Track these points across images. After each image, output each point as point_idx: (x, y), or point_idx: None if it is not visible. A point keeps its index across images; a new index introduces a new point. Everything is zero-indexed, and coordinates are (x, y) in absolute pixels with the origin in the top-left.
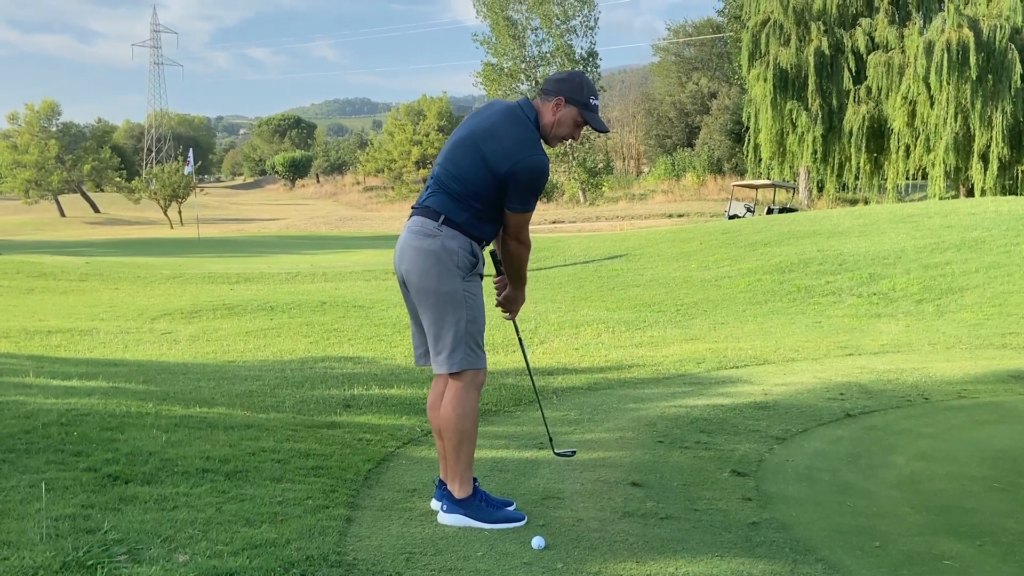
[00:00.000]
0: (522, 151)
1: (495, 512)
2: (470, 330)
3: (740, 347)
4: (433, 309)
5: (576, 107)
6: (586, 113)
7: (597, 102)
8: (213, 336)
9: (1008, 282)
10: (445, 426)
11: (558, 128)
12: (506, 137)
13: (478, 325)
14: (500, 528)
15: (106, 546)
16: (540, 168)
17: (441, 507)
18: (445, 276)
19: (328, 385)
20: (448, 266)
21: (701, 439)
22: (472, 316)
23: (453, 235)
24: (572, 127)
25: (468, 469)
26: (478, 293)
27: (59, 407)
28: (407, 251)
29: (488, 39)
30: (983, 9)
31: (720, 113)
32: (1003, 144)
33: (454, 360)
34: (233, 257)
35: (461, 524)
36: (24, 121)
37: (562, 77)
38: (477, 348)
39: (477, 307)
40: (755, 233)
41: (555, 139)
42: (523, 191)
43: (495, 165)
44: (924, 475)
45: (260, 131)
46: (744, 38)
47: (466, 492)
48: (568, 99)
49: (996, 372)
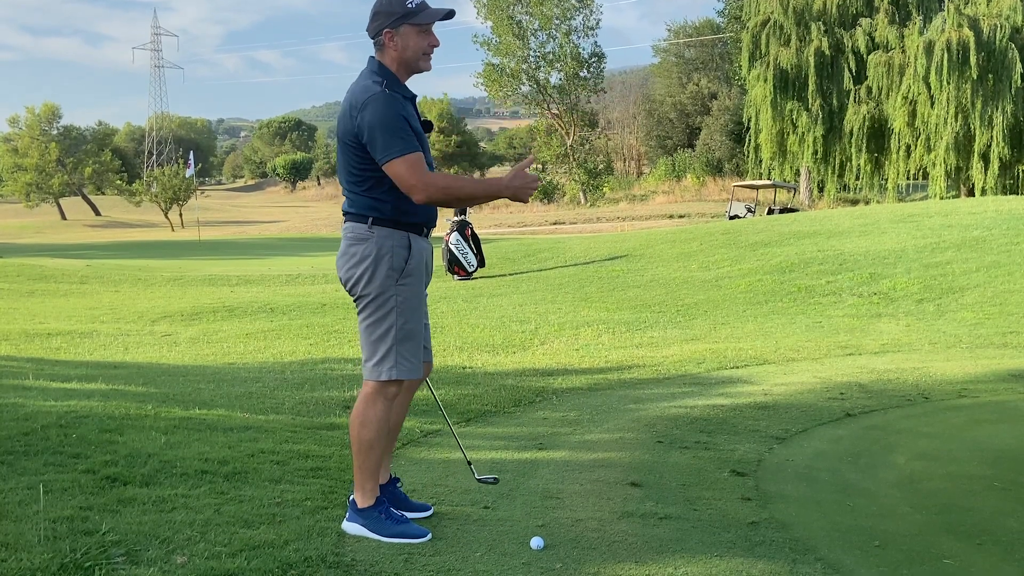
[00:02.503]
0: (358, 100)
1: (393, 526)
2: (399, 338)
3: (740, 347)
4: (365, 314)
5: (404, 25)
6: (413, 19)
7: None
8: (213, 338)
9: (1009, 281)
10: (350, 434)
11: (406, 53)
12: (345, 105)
13: (412, 331)
14: (396, 543)
15: (104, 548)
16: (378, 102)
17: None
18: (379, 281)
19: (328, 387)
20: (380, 269)
21: (701, 439)
22: (404, 322)
23: (387, 234)
24: (418, 40)
25: (369, 479)
26: (412, 298)
27: (58, 409)
28: (341, 258)
29: (488, 40)
30: (983, 9)
31: (720, 114)
32: (1004, 144)
33: (381, 369)
34: (234, 259)
35: (358, 534)
36: (25, 124)
37: (370, 14)
38: (409, 357)
39: (413, 313)
40: (756, 233)
41: (418, 65)
42: (378, 136)
43: (348, 136)
44: (924, 474)
45: (261, 133)
46: (744, 39)
47: (367, 502)
48: (391, 25)
49: (996, 371)
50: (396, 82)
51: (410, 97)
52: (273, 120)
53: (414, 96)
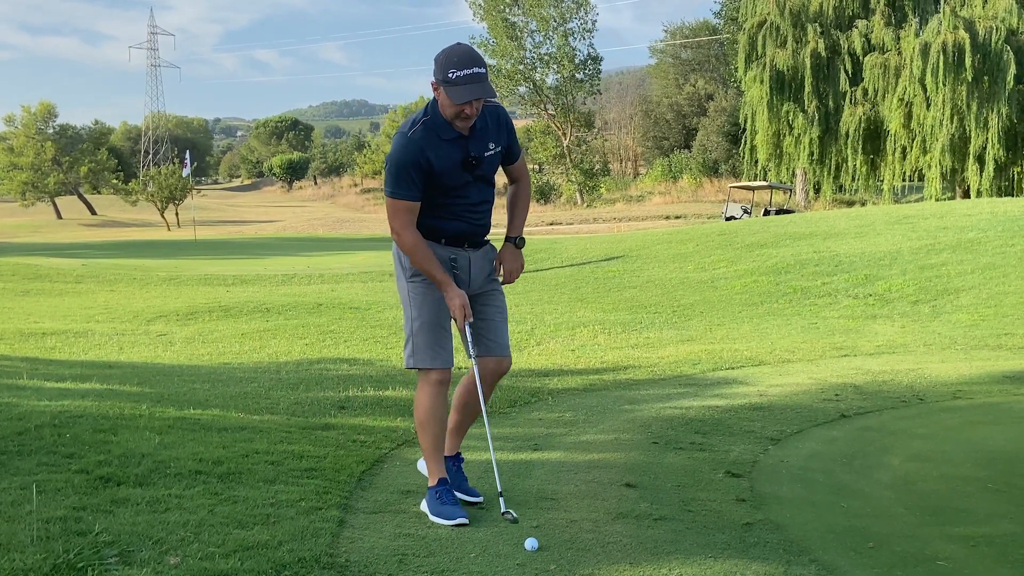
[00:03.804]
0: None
1: (440, 507)
2: (415, 329)
3: (736, 348)
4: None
5: (442, 86)
6: (447, 88)
7: (461, 72)
8: (209, 338)
9: (1004, 283)
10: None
11: (445, 111)
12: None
13: (425, 324)
14: (439, 522)
15: (97, 548)
16: (395, 142)
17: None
18: (399, 277)
19: (323, 387)
20: (401, 268)
21: (696, 440)
22: (417, 315)
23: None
24: (452, 106)
25: (430, 458)
26: (426, 293)
27: (52, 409)
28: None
29: (485, 41)
30: (979, 11)
31: (717, 115)
32: (999, 145)
33: (407, 356)
34: (229, 259)
35: (423, 509)
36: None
37: (436, 57)
38: (424, 347)
39: (423, 307)
40: (751, 235)
41: (454, 123)
42: (385, 171)
43: None
44: (919, 476)
45: (257, 133)
46: (741, 40)
47: (431, 480)
48: (438, 81)
49: (991, 373)
50: (439, 123)
51: (450, 138)
52: (270, 119)
53: (457, 136)
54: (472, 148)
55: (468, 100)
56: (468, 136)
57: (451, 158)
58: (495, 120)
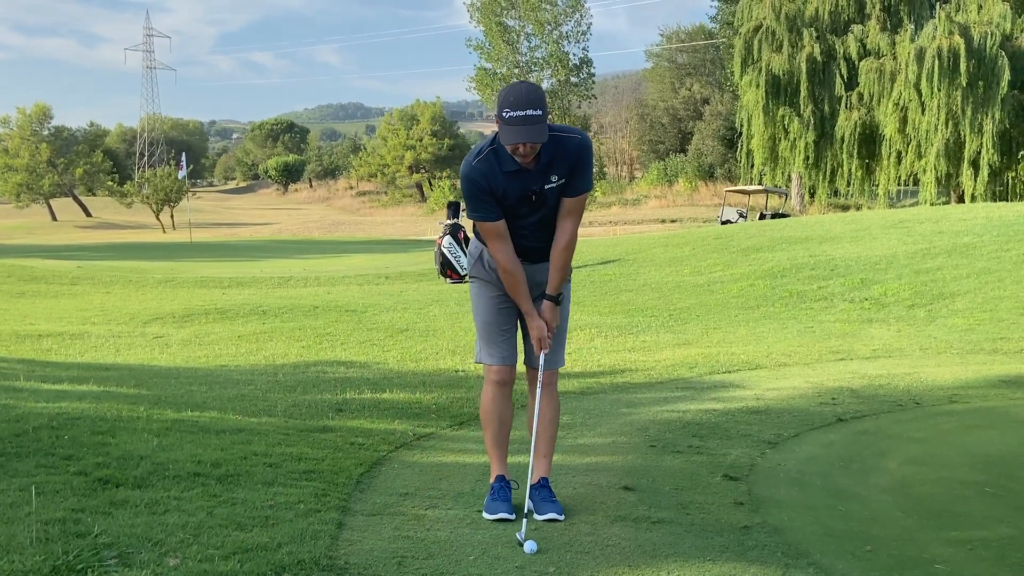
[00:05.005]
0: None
1: (489, 502)
2: (477, 326)
3: (732, 352)
4: None
5: (499, 123)
6: (501, 127)
7: (516, 113)
8: (205, 340)
9: (999, 287)
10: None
11: (503, 140)
12: None
13: (481, 322)
14: (484, 515)
15: (96, 550)
16: (462, 170)
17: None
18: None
19: (320, 389)
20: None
21: (693, 443)
22: (476, 314)
23: (474, 246)
24: (507, 140)
25: (489, 455)
26: (482, 294)
27: (50, 411)
28: None
29: (481, 44)
30: (974, 16)
31: (713, 119)
32: (993, 150)
33: (475, 351)
34: (225, 261)
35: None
36: (16, 125)
37: (500, 90)
38: (483, 345)
39: (479, 306)
40: (747, 239)
41: (511, 154)
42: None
43: None
44: (915, 479)
45: (253, 135)
46: (737, 44)
47: (491, 477)
48: (497, 116)
49: (987, 377)
50: (502, 155)
51: (511, 171)
52: (266, 122)
53: (519, 168)
54: (533, 182)
55: (516, 143)
56: (532, 169)
57: (512, 190)
58: (564, 151)
